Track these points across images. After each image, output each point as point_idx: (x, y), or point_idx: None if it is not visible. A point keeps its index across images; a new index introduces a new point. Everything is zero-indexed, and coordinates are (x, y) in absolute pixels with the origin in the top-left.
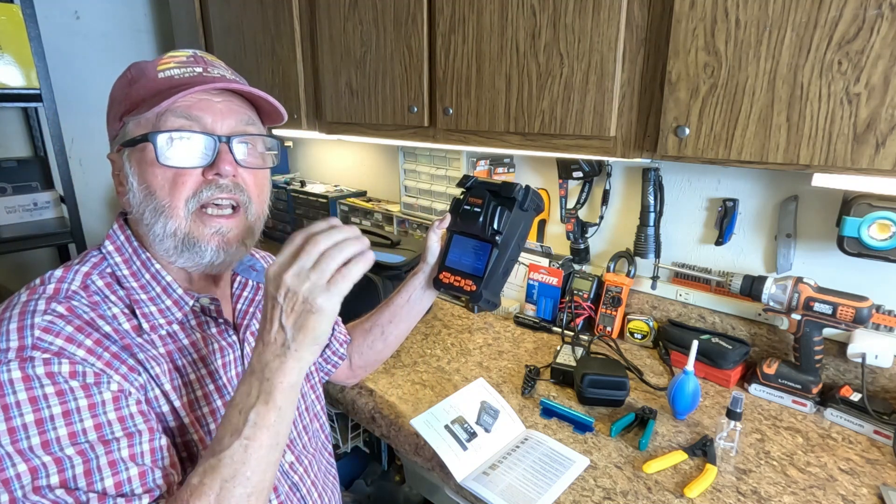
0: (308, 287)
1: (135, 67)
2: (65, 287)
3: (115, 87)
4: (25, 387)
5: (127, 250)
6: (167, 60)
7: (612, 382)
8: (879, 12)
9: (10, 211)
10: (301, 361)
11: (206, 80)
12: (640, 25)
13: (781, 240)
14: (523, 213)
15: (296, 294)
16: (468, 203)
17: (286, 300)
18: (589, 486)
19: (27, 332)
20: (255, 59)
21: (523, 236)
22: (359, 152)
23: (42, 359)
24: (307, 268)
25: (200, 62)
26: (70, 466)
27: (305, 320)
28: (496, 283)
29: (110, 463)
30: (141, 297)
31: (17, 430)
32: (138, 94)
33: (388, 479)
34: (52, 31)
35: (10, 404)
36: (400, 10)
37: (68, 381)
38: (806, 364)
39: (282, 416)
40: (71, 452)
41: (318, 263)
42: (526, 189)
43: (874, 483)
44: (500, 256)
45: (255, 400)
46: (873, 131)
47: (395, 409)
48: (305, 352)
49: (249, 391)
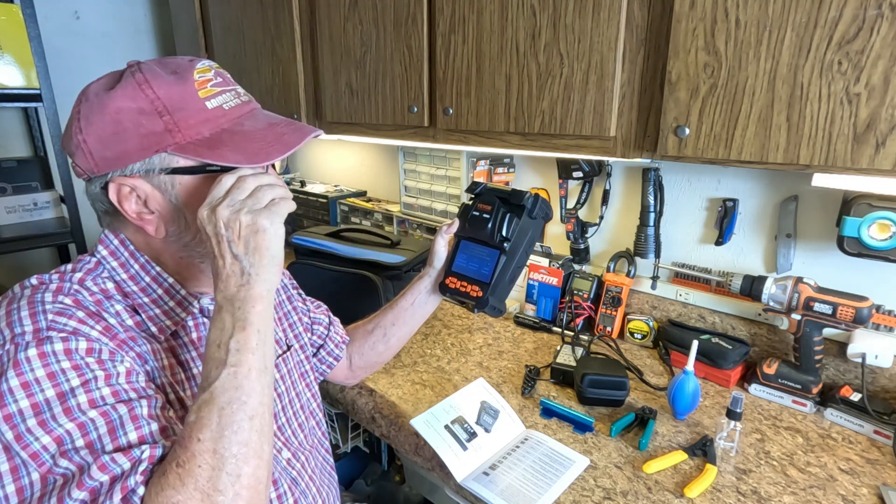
0: (247, 212)
1: (157, 87)
2: (66, 286)
3: (122, 103)
4: (43, 363)
5: (122, 254)
6: (202, 83)
7: (612, 382)
8: (879, 12)
9: (10, 211)
10: (267, 283)
11: (250, 107)
12: (640, 25)
13: (781, 240)
14: (532, 221)
15: (237, 221)
16: (477, 209)
17: (228, 229)
18: (589, 486)
19: (40, 316)
20: (255, 59)
21: (531, 244)
22: (359, 152)
23: (59, 337)
24: (240, 199)
25: (227, 81)
26: (94, 428)
27: (256, 242)
28: (502, 289)
29: (132, 418)
30: (144, 300)
31: (40, 404)
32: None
33: (388, 479)
34: (52, 31)
35: (29, 381)
36: (400, 10)
37: (84, 358)
38: (806, 364)
39: (262, 339)
40: (94, 415)
41: (252, 194)
42: (535, 197)
43: (874, 483)
44: (507, 263)
45: (232, 329)
46: (873, 131)
47: (395, 409)
48: (266, 272)
49: (223, 326)
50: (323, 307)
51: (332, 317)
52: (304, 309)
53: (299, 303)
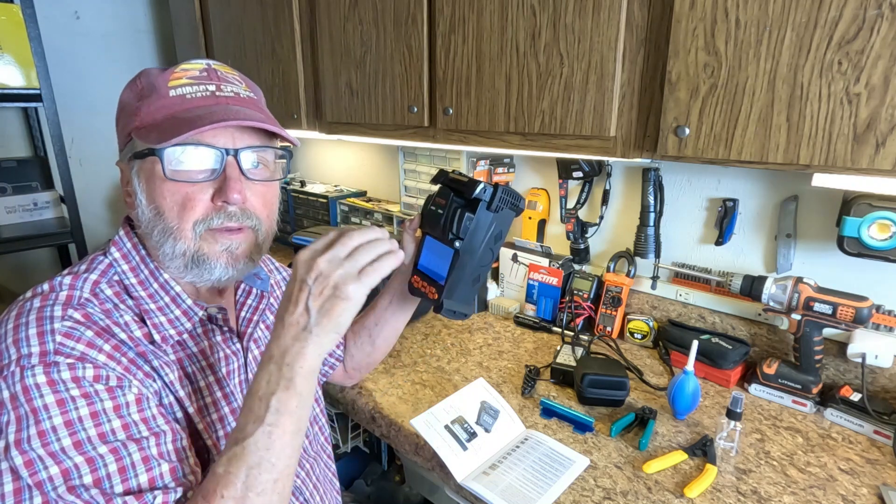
0: (340, 273)
1: (145, 77)
2: (77, 294)
3: (124, 95)
4: (52, 390)
5: (134, 258)
6: (179, 74)
7: (612, 382)
8: (879, 12)
9: (10, 211)
10: (320, 347)
11: (220, 101)
12: (640, 25)
13: (781, 240)
14: (494, 215)
15: (327, 278)
16: (434, 203)
17: (316, 283)
18: (589, 486)
19: (48, 337)
20: (255, 59)
21: (496, 239)
22: (359, 152)
23: (66, 363)
24: (341, 257)
25: (213, 77)
26: (103, 465)
27: (332, 305)
28: (463, 291)
29: (143, 459)
30: (150, 306)
31: (46, 432)
32: (148, 112)
33: (388, 479)
34: (52, 31)
35: (38, 408)
36: (400, 10)
37: (93, 385)
38: (806, 364)
39: (303, 402)
40: (104, 451)
41: (352, 255)
42: (494, 187)
43: (874, 483)
44: (462, 263)
45: (276, 387)
46: (873, 131)
47: (395, 409)
48: (325, 338)
49: (269, 378)
50: None
51: None
52: None
53: None
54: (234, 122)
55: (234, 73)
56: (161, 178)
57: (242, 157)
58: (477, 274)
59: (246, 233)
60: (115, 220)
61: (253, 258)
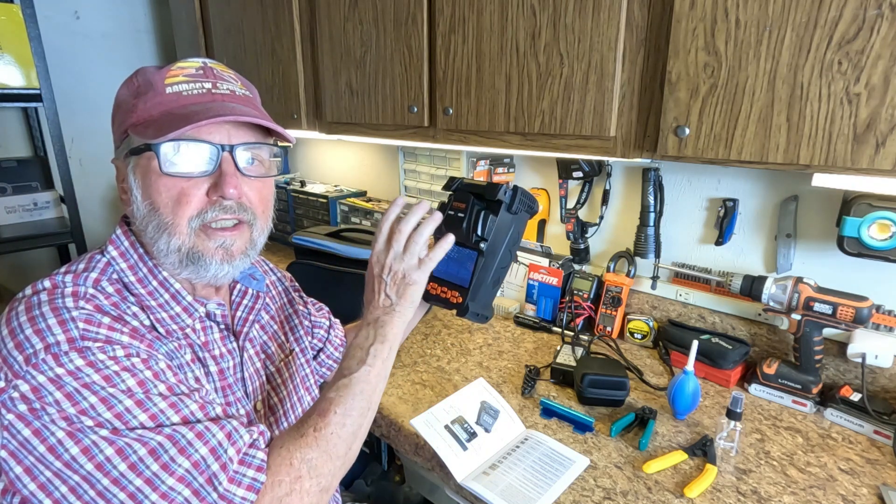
0: (405, 267)
1: (141, 75)
2: (82, 290)
3: (121, 93)
4: (94, 370)
5: (132, 256)
6: (176, 72)
7: (612, 382)
8: (879, 12)
9: (10, 211)
10: (403, 316)
11: (216, 98)
12: (640, 25)
13: (781, 240)
14: (513, 217)
15: (396, 273)
16: (452, 208)
17: (389, 277)
18: (589, 486)
19: (70, 325)
20: (255, 59)
21: (515, 241)
22: (359, 152)
23: (96, 347)
24: (400, 252)
25: (210, 75)
26: (166, 419)
27: (405, 290)
28: (485, 293)
29: (200, 407)
30: (151, 303)
31: (108, 398)
32: (145, 109)
33: (388, 479)
34: (52, 31)
35: (88, 383)
36: (400, 10)
37: (129, 359)
38: (806, 364)
39: (390, 353)
40: (164, 406)
41: (407, 248)
42: (514, 190)
43: (874, 483)
44: (486, 265)
45: (374, 340)
46: (873, 131)
47: (395, 409)
48: (406, 310)
49: (368, 335)
50: (324, 310)
51: (333, 319)
52: (305, 312)
53: (300, 306)
54: (231, 117)
55: (230, 72)
56: (157, 173)
57: (238, 154)
58: (497, 276)
59: (241, 229)
60: (115, 219)
61: (248, 254)
